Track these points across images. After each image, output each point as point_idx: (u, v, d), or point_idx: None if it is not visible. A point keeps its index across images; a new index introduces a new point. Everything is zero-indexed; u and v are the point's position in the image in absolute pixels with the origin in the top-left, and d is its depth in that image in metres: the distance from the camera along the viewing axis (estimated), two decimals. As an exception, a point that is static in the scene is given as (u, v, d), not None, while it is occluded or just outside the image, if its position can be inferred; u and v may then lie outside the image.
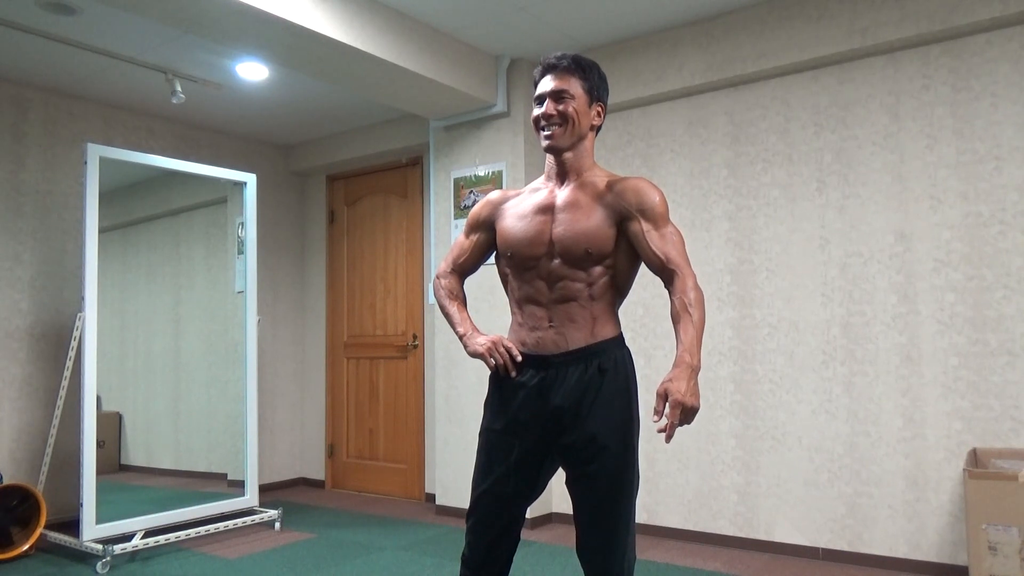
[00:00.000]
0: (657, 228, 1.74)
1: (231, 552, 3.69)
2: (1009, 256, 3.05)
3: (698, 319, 1.66)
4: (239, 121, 4.99)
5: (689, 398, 1.54)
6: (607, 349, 1.77)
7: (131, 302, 4.27)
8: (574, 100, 1.80)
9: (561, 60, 1.81)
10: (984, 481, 2.67)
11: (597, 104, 1.85)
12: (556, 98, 1.80)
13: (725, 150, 3.74)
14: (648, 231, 1.74)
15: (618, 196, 1.77)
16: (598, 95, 1.85)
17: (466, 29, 3.78)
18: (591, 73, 1.83)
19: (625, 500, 1.73)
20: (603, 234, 1.75)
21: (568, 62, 1.81)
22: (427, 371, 4.87)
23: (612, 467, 1.72)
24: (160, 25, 3.47)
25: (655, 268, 1.75)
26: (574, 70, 1.81)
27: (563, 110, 1.79)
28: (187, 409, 4.46)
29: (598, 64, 1.88)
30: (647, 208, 1.75)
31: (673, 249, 1.73)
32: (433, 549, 3.70)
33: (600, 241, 1.75)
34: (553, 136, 1.80)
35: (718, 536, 3.65)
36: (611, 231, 1.76)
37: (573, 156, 1.83)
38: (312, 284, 5.61)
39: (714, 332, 3.72)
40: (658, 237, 1.74)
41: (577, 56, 1.83)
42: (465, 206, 4.34)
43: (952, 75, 3.20)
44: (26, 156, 4.23)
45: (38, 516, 3.69)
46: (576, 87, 1.80)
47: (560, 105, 1.80)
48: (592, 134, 1.86)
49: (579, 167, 1.83)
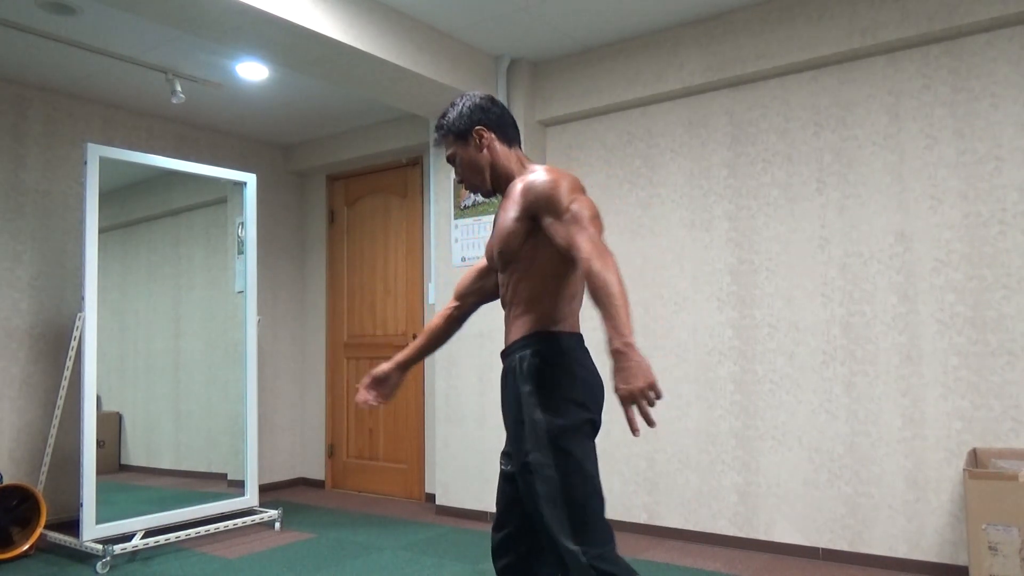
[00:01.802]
0: (558, 216, 1.67)
1: (231, 552, 3.69)
2: (1009, 256, 3.05)
3: (610, 297, 1.53)
4: (239, 121, 4.99)
5: (633, 384, 1.48)
6: (513, 350, 1.79)
7: (131, 302, 4.27)
8: (459, 156, 1.88)
9: (436, 132, 1.93)
10: (984, 481, 2.67)
11: (473, 135, 1.86)
12: (451, 163, 1.92)
13: (725, 150, 3.74)
14: (551, 224, 1.69)
15: (523, 194, 1.75)
16: (467, 128, 1.86)
17: (466, 29, 3.78)
18: (451, 123, 1.87)
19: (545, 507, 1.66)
20: (511, 231, 1.75)
21: (438, 132, 1.91)
22: (427, 371, 4.87)
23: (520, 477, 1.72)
24: (160, 25, 3.47)
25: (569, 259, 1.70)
26: (444, 135, 1.90)
27: (460, 173, 1.90)
28: (187, 409, 4.45)
29: (458, 100, 1.89)
30: (544, 199, 1.70)
31: (572, 230, 1.64)
32: (433, 549, 3.70)
33: (506, 241, 1.76)
34: (474, 191, 1.93)
35: (718, 536, 3.65)
36: (519, 227, 1.74)
37: (497, 182, 1.88)
38: (312, 284, 5.61)
39: (714, 332, 3.72)
40: (560, 226, 1.67)
41: (440, 119, 1.90)
42: (465, 206, 4.34)
43: (952, 75, 3.20)
44: (26, 156, 4.23)
45: (38, 516, 3.69)
46: (453, 145, 1.88)
47: (457, 169, 1.91)
48: (497, 150, 1.86)
49: (505, 181, 1.87)
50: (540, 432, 1.68)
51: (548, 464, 1.66)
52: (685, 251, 3.82)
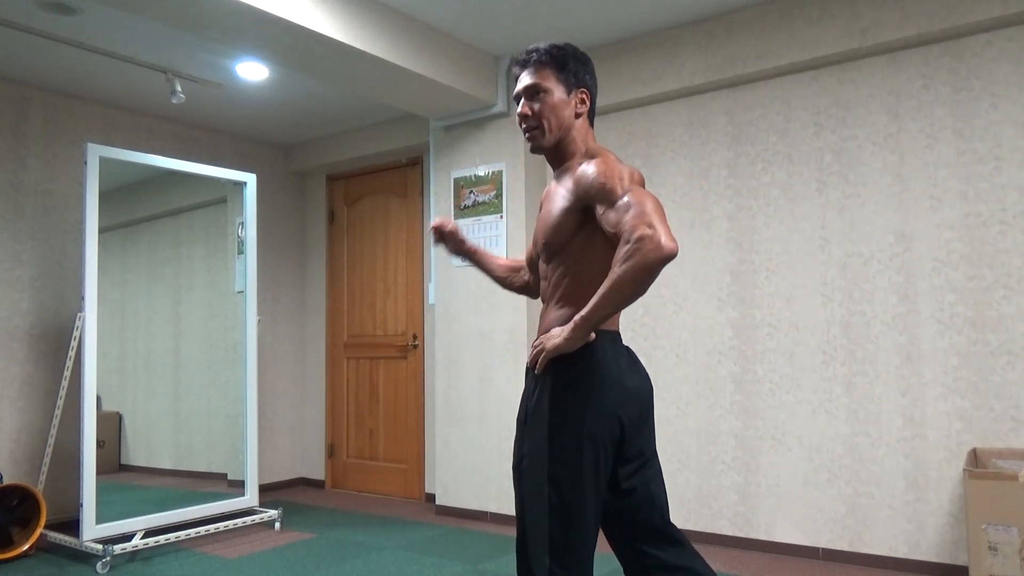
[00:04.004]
0: (612, 204, 1.57)
1: (231, 552, 3.69)
2: (1009, 256, 3.05)
3: (612, 279, 1.49)
4: (239, 121, 4.99)
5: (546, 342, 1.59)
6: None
7: (131, 302, 4.27)
8: (550, 94, 1.70)
9: (532, 54, 1.72)
10: (984, 481, 2.67)
11: (579, 91, 1.73)
12: (530, 95, 1.72)
13: (725, 150, 3.74)
14: (603, 213, 1.59)
15: (576, 182, 1.65)
16: (577, 81, 1.73)
17: (466, 29, 3.78)
18: (566, 60, 1.72)
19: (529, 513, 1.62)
20: (560, 222, 1.66)
21: (540, 55, 1.71)
22: (427, 371, 4.87)
23: (514, 471, 1.68)
24: (160, 25, 3.47)
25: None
26: (547, 62, 1.71)
27: (538, 110, 1.71)
28: (187, 409, 4.46)
29: (575, 48, 1.75)
30: (597, 188, 1.60)
31: (623, 216, 1.53)
32: (433, 549, 3.70)
33: (556, 230, 1.67)
34: (533, 138, 1.74)
35: (718, 536, 3.65)
36: (570, 218, 1.65)
37: (556, 152, 1.75)
38: (312, 284, 5.61)
39: (714, 332, 3.72)
40: (612, 213, 1.57)
41: (552, 46, 1.72)
42: (465, 206, 4.34)
43: (952, 75, 3.20)
44: (26, 156, 4.23)
45: (38, 516, 3.69)
46: (551, 80, 1.71)
47: (535, 104, 1.71)
48: (580, 121, 1.74)
49: (564, 158, 1.75)
50: (542, 436, 1.62)
51: (542, 473, 1.60)
52: (685, 251, 3.82)
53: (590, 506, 1.60)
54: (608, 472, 1.63)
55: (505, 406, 4.11)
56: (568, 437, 1.60)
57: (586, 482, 1.59)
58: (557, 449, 1.60)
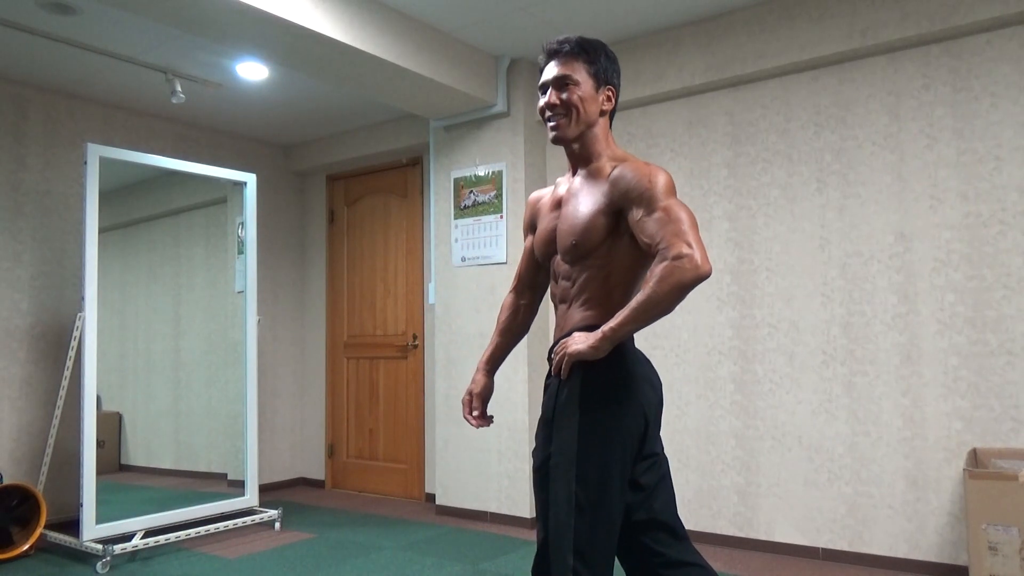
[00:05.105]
0: (650, 212, 1.57)
1: (231, 552, 3.69)
2: (1009, 256, 3.05)
3: (645, 296, 1.51)
4: (239, 121, 4.99)
5: (571, 347, 1.57)
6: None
7: (131, 302, 4.27)
8: (579, 87, 1.69)
9: (563, 44, 1.71)
10: (984, 481, 2.67)
11: (606, 88, 1.73)
12: (559, 86, 1.70)
13: (725, 150, 3.74)
14: (640, 218, 1.58)
15: (612, 185, 1.64)
16: (606, 78, 1.73)
17: (466, 29, 3.78)
18: (597, 55, 1.71)
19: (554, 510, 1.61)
20: (591, 224, 1.64)
21: (571, 46, 1.70)
22: (427, 371, 4.87)
23: (539, 472, 1.67)
24: (160, 25, 3.47)
25: (649, 255, 1.59)
26: (578, 54, 1.70)
27: (567, 99, 1.68)
28: (187, 409, 4.45)
29: (606, 45, 1.75)
30: (636, 193, 1.59)
31: (664, 228, 1.54)
32: (433, 549, 3.70)
33: (587, 232, 1.64)
34: (558, 127, 1.70)
35: (718, 536, 3.65)
36: (602, 220, 1.64)
37: (581, 146, 1.73)
38: (312, 284, 5.61)
39: (714, 332, 3.72)
40: (651, 221, 1.56)
41: (582, 39, 1.71)
42: (465, 206, 4.34)
43: (952, 75, 3.20)
44: (26, 156, 4.23)
45: (38, 516, 3.69)
46: (581, 72, 1.69)
47: (563, 93, 1.69)
48: (603, 120, 1.74)
49: (589, 156, 1.73)
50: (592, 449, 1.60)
51: (571, 472, 1.60)
52: (685, 251, 3.81)
53: (616, 504, 1.61)
54: (630, 470, 1.65)
55: (505, 406, 4.11)
56: (599, 436, 1.60)
57: (614, 480, 1.60)
58: (587, 448, 1.60)
